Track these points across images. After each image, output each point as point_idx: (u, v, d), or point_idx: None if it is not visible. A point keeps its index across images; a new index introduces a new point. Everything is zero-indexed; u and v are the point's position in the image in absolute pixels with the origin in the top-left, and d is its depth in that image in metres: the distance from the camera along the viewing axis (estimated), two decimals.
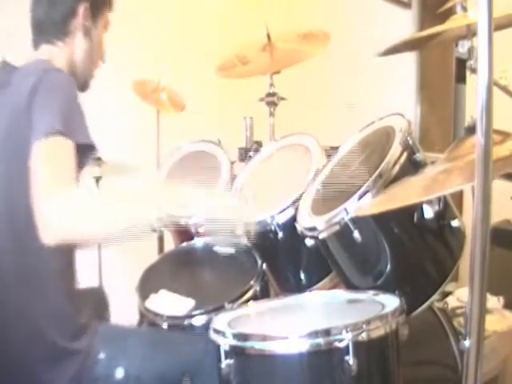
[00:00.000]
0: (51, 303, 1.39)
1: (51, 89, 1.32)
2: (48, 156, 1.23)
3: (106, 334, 1.48)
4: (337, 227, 1.46)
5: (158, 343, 1.55)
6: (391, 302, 1.34)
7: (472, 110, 1.05)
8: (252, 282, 1.75)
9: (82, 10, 1.47)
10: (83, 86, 1.53)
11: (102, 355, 1.42)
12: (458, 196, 1.83)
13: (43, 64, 1.41)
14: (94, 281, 2.77)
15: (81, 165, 1.29)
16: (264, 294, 1.78)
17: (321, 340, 1.23)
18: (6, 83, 1.39)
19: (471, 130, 1.37)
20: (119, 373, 1.42)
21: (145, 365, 1.46)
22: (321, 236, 1.51)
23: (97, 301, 2.60)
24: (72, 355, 1.39)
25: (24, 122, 1.28)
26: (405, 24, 4.31)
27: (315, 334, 1.23)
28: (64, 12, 1.47)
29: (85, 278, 1.60)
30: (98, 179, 2.55)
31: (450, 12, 1.65)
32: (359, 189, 1.43)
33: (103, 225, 1.23)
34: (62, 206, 1.18)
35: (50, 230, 1.18)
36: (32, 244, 1.32)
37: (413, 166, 1.45)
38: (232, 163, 2.17)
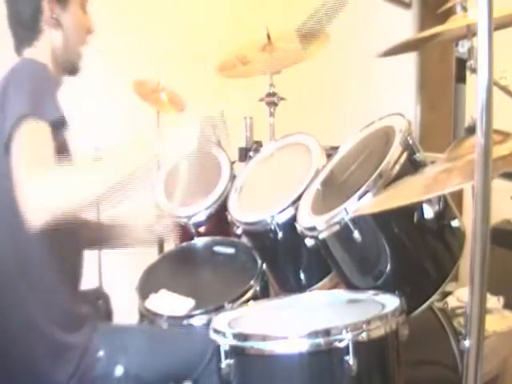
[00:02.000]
0: (49, 294, 1.39)
1: (18, 79, 1.34)
2: (23, 141, 1.24)
3: (106, 332, 1.48)
4: (337, 227, 1.46)
5: (157, 340, 1.55)
6: (391, 301, 1.34)
7: (472, 109, 1.05)
8: (252, 282, 1.75)
9: (45, 3, 1.45)
10: (72, 70, 1.53)
11: (101, 353, 1.43)
12: (458, 196, 1.83)
13: (15, 64, 1.43)
14: (94, 281, 2.77)
15: (56, 141, 1.29)
16: (264, 293, 1.78)
17: (321, 340, 1.23)
18: None
19: (471, 130, 1.37)
20: (118, 370, 1.43)
21: (144, 362, 1.46)
22: (321, 236, 1.51)
23: (100, 302, 2.60)
24: (70, 349, 1.39)
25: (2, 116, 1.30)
26: (405, 24, 4.31)
27: (315, 334, 1.23)
28: (30, 12, 1.46)
29: (85, 278, 1.60)
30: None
31: (450, 12, 1.65)
32: (359, 189, 1.43)
33: (87, 191, 1.25)
34: (42, 185, 1.19)
35: (35, 211, 1.19)
36: (28, 235, 1.33)
37: (413, 166, 1.45)
38: (232, 163, 2.17)
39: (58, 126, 1.31)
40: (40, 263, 1.38)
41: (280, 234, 1.72)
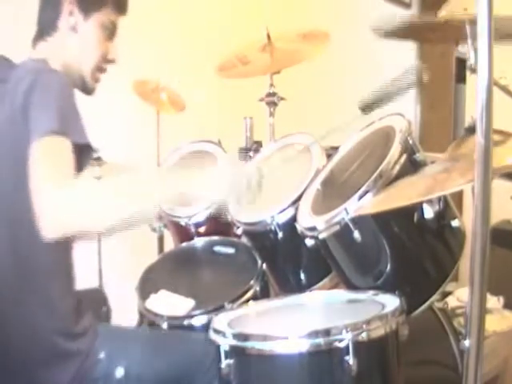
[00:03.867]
0: (51, 303, 1.39)
1: (46, 90, 1.31)
2: (46, 153, 1.22)
3: (106, 334, 1.48)
4: (337, 227, 1.46)
5: (157, 343, 1.54)
6: (391, 301, 1.34)
7: (472, 110, 1.05)
8: (252, 282, 1.75)
9: (66, 4, 1.45)
10: (86, 88, 1.51)
11: (102, 355, 1.42)
12: (458, 196, 1.83)
13: (38, 64, 1.41)
14: (94, 281, 2.77)
15: (80, 165, 1.29)
16: (264, 293, 1.78)
17: (321, 340, 1.23)
18: (3, 79, 1.39)
19: (471, 130, 1.37)
20: (119, 372, 1.42)
21: (145, 364, 1.46)
22: (321, 236, 1.51)
23: (97, 302, 2.60)
24: (72, 356, 1.39)
25: (20, 123, 1.28)
26: None
27: (315, 333, 1.23)
28: (52, 9, 1.46)
29: (85, 279, 1.60)
30: (98, 179, 2.55)
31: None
32: (359, 189, 1.43)
33: (103, 217, 1.22)
34: (61, 200, 1.17)
35: (50, 224, 1.17)
36: (31, 243, 1.33)
37: (413, 166, 1.45)
38: None
39: (84, 152, 1.30)
40: (41, 270, 1.38)
41: (280, 234, 1.72)
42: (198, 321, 1.66)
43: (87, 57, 1.49)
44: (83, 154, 1.30)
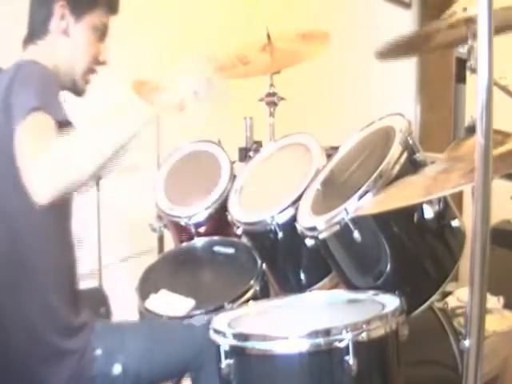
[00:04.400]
0: (49, 301, 1.39)
1: (25, 78, 1.33)
2: (29, 131, 1.23)
3: (102, 331, 1.48)
4: (337, 227, 1.46)
5: (155, 337, 1.54)
6: (391, 301, 1.34)
7: (472, 110, 1.05)
8: (252, 282, 1.75)
9: (57, 8, 1.45)
10: (76, 90, 1.52)
11: (98, 352, 1.42)
12: (458, 196, 1.83)
13: (20, 61, 1.41)
14: (93, 281, 2.77)
15: None
16: (264, 293, 1.78)
17: (321, 340, 1.23)
18: None
19: (471, 130, 1.37)
20: (117, 369, 1.42)
21: (143, 360, 1.46)
22: (321, 236, 1.51)
23: (97, 302, 2.60)
24: (69, 354, 1.39)
25: (2, 115, 1.30)
26: (405, 24, 4.31)
27: (315, 333, 1.23)
28: (43, 12, 1.46)
29: (85, 278, 1.60)
30: (98, 179, 2.55)
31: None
32: (359, 189, 1.43)
33: (91, 161, 1.22)
34: (45, 164, 1.18)
35: (40, 188, 1.17)
36: (28, 238, 1.33)
37: (413, 166, 1.45)
38: (232, 163, 2.17)
39: (64, 127, 1.30)
40: (39, 266, 1.38)
41: (280, 234, 1.72)
42: (198, 321, 1.66)
43: (78, 59, 1.49)
44: (63, 130, 1.30)
